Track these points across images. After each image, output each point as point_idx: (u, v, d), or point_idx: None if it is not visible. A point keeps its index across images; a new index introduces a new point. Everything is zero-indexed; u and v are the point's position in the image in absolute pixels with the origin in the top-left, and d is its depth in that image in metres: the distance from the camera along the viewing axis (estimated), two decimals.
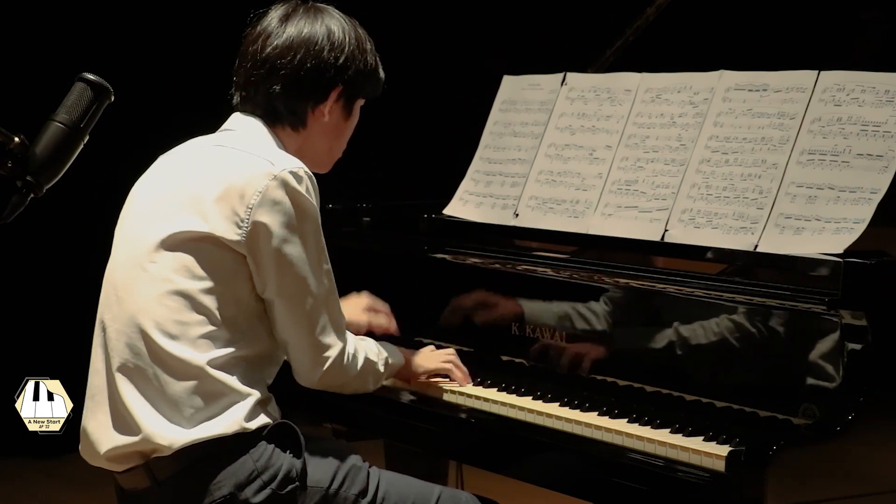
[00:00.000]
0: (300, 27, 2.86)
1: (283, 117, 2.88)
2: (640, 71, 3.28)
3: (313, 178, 2.79)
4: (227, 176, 2.74)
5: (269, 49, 2.85)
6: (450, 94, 6.07)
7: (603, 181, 3.21)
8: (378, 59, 2.96)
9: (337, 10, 2.92)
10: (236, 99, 2.92)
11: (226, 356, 2.71)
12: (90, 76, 2.59)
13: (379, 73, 2.97)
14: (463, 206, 3.52)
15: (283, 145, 2.87)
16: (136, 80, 5.54)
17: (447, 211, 3.54)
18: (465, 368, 3.16)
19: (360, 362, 2.88)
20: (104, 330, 2.78)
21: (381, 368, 2.97)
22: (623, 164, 3.19)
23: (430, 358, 3.17)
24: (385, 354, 2.99)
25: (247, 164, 2.75)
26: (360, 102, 2.97)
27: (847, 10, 3.55)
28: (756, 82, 3.02)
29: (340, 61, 2.87)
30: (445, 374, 3.17)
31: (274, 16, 2.89)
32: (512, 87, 3.57)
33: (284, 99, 2.86)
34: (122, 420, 2.72)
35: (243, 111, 2.90)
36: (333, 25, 2.88)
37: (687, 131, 3.10)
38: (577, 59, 3.60)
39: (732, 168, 2.97)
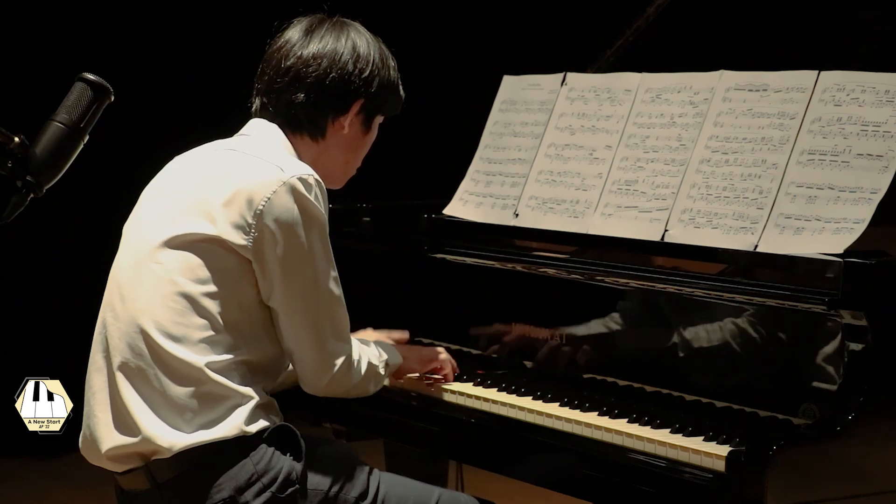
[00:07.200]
0: (326, 39, 2.87)
1: (302, 126, 2.88)
2: (640, 71, 3.28)
3: (322, 185, 2.78)
4: (236, 180, 2.73)
5: (293, 58, 2.85)
6: (450, 94, 6.06)
7: (603, 181, 3.21)
8: (399, 77, 2.97)
9: (362, 26, 2.93)
10: (256, 105, 2.92)
11: (226, 360, 2.70)
12: (90, 76, 2.59)
13: (400, 91, 2.98)
14: (463, 206, 3.52)
15: (299, 154, 2.87)
16: (137, 80, 5.54)
17: (447, 211, 3.54)
18: (453, 362, 3.17)
19: (364, 368, 2.88)
20: (105, 328, 2.78)
21: (382, 371, 2.97)
22: (623, 164, 3.19)
23: (421, 357, 3.16)
24: (385, 357, 2.99)
25: (256, 169, 2.75)
26: (380, 119, 2.97)
27: (847, 10, 3.55)
28: (756, 82, 3.02)
29: (365, 74, 2.88)
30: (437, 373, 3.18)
31: (299, 27, 2.90)
32: (512, 87, 3.57)
33: (306, 108, 2.86)
34: (123, 420, 2.72)
35: (262, 117, 2.90)
36: (359, 40, 2.89)
37: (687, 131, 3.09)
38: (577, 59, 3.59)
39: (732, 168, 2.97)
